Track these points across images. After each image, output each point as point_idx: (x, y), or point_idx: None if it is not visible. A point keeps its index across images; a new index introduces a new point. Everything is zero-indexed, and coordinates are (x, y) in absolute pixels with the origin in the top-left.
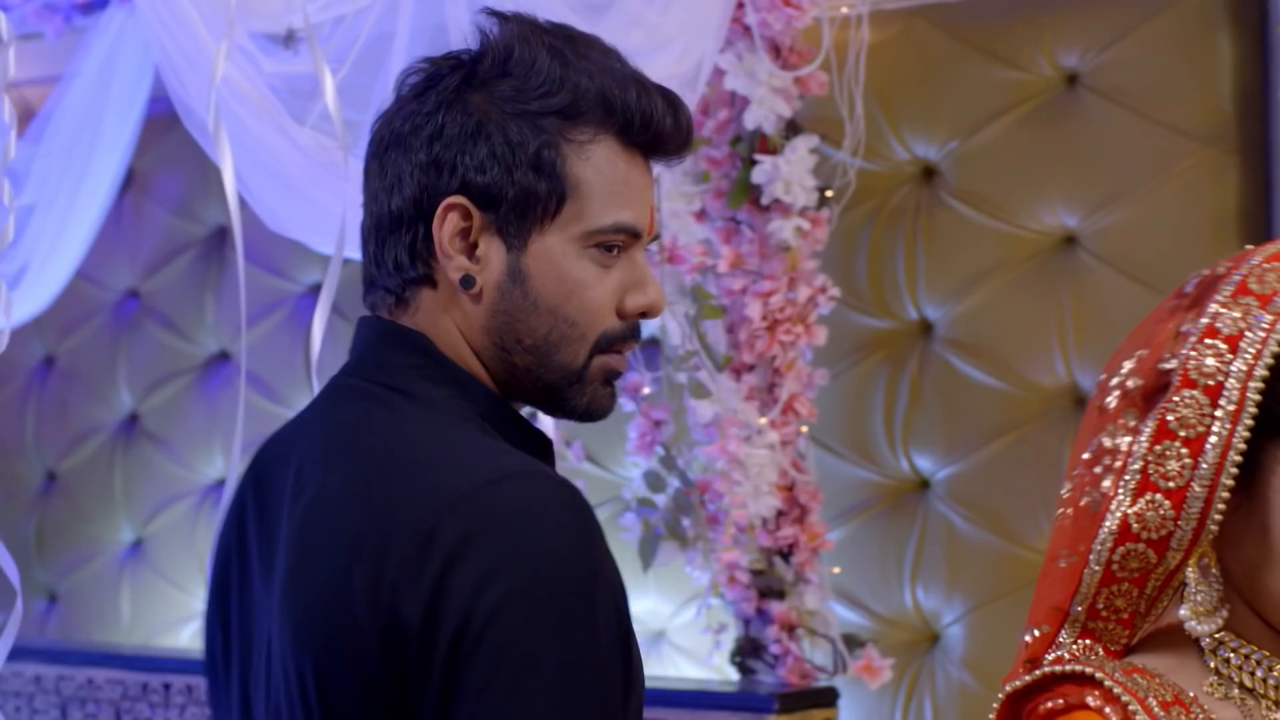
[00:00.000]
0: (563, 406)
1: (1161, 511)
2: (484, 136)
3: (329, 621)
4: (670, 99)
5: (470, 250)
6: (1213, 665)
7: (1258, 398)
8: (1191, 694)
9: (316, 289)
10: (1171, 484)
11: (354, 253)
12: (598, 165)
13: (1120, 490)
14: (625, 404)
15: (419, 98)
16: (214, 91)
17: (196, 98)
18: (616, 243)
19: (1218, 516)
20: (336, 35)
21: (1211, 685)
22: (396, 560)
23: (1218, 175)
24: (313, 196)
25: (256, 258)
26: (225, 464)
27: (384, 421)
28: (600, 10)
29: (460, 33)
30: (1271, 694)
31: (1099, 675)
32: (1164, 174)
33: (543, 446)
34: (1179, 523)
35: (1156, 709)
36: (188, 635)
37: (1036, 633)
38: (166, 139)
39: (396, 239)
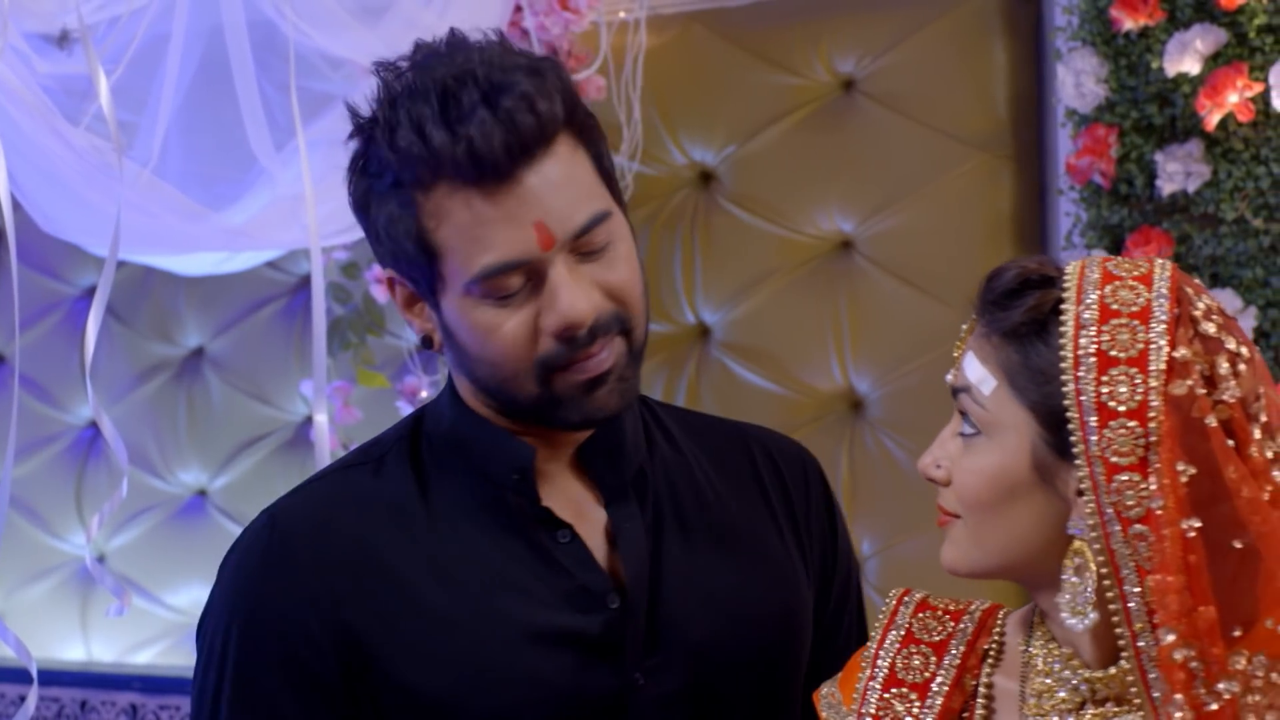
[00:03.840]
0: (563, 424)
1: None
2: (369, 217)
3: None
4: (502, 115)
5: (420, 314)
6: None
7: None
8: (992, 645)
9: (92, 291)
10: None
11: (128, 255)
12: (449, 219)
13: None
14: (404, 407)
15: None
16: None
17: None
18: (503, 288)
19: None
20: (111, 36)
21: (1024, 640)
22: None
23: (993, 180)
24: (87, 198)
25: (31, 260)
26: (0, 469)
27: None
28: (377, 13)
29: (236, 35)
30: (1040, 664)
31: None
32: (939, 179)
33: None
34: None
35: (892, 641)
36: None
37: None
38: None
39: None
